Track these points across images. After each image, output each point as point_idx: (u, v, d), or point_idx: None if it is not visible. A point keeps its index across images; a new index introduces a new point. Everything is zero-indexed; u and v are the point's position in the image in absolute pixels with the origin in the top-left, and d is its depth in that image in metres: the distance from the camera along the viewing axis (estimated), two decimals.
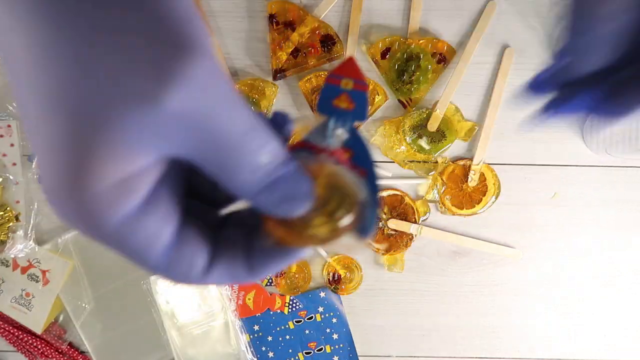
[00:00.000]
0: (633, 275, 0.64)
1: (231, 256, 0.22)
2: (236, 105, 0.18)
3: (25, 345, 0.62)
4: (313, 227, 0.22)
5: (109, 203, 0.17)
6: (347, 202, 0.22)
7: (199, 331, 0.61)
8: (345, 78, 0.25)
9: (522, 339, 0.64)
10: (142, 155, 0.17)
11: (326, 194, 0.22)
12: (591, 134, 0.61)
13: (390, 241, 0.62)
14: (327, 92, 0.25)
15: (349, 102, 0.25)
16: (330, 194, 0.22)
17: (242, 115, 0.18)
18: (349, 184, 0.23)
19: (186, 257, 0.20)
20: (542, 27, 0.61)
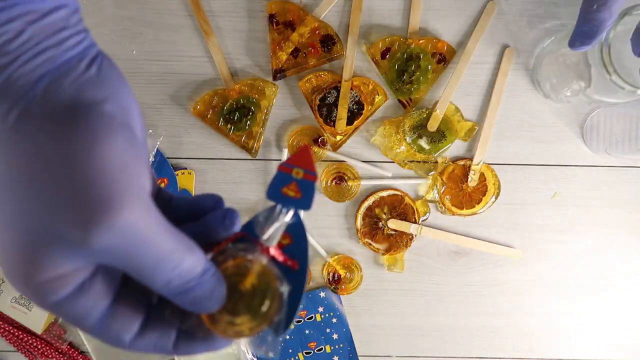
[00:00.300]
0: (633, 275, 0.64)
1: (160, 332, 0.26)
2: (156, 239, 0.22)
3: (25, 345, 0.62)
4: (231, 322, 0.25)
5: (48, 290, 0.22)
6: (263, 303, 0.25)
7: None
8: (297, 167, 0.27)
9: (522, 339, 0.64)
10: (72, 266, 0.22)
11: (250, 290, 0.25)
12: (591, 133, 0.61)
13: (390, 241, 0.62)
14: (279, 179, 0.27)
15: (296, 191, 0.27)
16: (253, 292, 0.25)
17: (162, 245, 0.22)
18: (272, 286, 0.25)
19: (115, 328, 0.25)
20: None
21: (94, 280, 0.23)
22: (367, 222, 0.62)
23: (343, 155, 0.62)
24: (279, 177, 0.27)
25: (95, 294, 0.23)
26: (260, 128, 0.60)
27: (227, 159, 0.62)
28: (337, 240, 0.63)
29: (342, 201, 0.62)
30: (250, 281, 0.25)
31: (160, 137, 0.61)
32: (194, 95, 0.61)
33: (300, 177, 0.27)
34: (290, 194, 0.27)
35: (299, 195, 0.27)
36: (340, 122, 0.60)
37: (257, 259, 0.26)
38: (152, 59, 0.61)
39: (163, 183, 0.61)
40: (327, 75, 0.60)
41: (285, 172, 0.27)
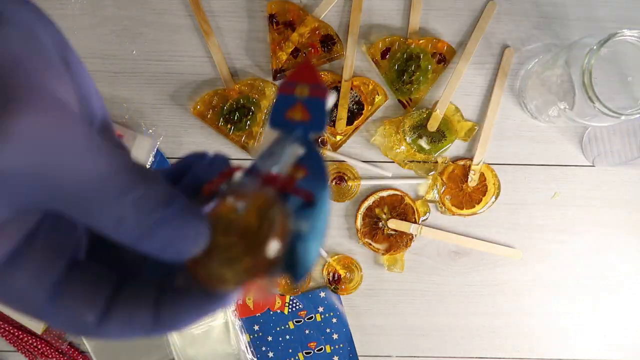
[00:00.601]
0: (633, 275, 0.64)
1: (134, 305, 0.20)
2: (86, 153, 0.16)
3: (25, 345, 0.62)
4: (226, 270, 0.19)
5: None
6: (266, 242, 0.18)
7: (199, 331, 0.61)
8: (300, 84, 0.22)
9: (522, 339, 0.64)
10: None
11: (248, 229, 0.19)
12: (590, 147, 0.61)
13: (390, 241, 0.62)
14: (280, 103, 0.22)
15: (304, 113, 0.22)
16: (253, 231, 0.19)
17: (96, 163, 0.16)
18: (272, 217, 0.19)
19: (70, 309, 0.19)
20: (542, 27, 0.61)
21: (32, 246, 0.18)
22: (367, 222, 0.62)
23: (343, 155, 0.62)
24: (280, 100, 0.22)
25: (35, 266, 0.18)
26: (260, 128, 0.60)
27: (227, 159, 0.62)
28: (337, 240, 0.63)
29: (342, 201, 0.62)
30: (249, 218, 0.19)
31: (160, 137, 0.61)
32: (194, 95, 0.61)
33: (305, 96, 0.22)
34: (297, 117, 0.22)
35: (307, 117, 0.22)
36: (340, 122, 0.60)
37: (257, 192, 0.20)
38: (152, 59, 0.61)
39: None
40: (327, 75, 0.60)
41: (286, 93, 0.22)
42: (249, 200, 0.19)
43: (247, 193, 0.20)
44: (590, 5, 0.61)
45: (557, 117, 0.54)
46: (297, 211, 0.20)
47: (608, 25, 0.61)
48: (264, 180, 0.20)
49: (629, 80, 0.52)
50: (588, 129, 0.61)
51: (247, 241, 0.19)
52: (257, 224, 0.19)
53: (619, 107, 0.46)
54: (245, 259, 0.18)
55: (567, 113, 0.51)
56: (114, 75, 0.61)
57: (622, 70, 0.52)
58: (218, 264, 0.19)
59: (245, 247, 0.19)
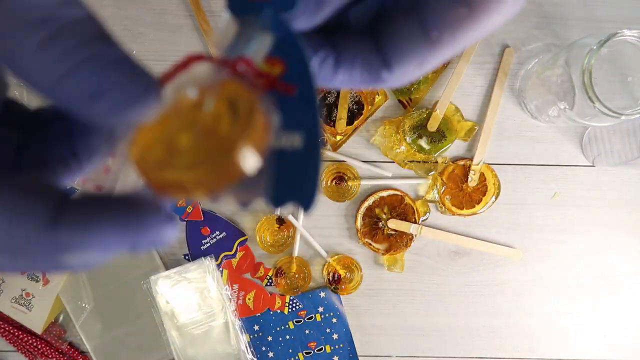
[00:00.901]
0: (633, 275, 0.64)
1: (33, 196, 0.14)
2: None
3: (25, 345, 0.62)
4: (181, 172, 0.14)
5: None
6: (237, 138, 0.14)
7: (199, 331, 0.61)
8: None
9: (522, 339, 0.64)
10: None
11: (213, 122, 0.14)
12: (590, 147, 0.61)
13: (390, 241, 0.62)
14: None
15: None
16: (219, 125, 0.14)
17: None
18: (248, 112, 0.15)
19: None
20: (542, 27, 0.61)
21: None
22: (367, 222, 0.62)
23: (343, 155, 0.62)
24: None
25: None
26: None
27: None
28: (337, 240, 0.63)
29: (342, 201, 0.62)
30: (217, 113, 0.15)
31: None
32: None
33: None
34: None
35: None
36: (340, 122, 0.60)
37: (225, 82, 0.16)
38: (152, 59, 0.61)
39: None
40: None
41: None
42: (215, 94, 0.15)
43: (213, 85, 0.15)
44: (590, 5, 0.61)
45: (557, 117, 0.54)
46: (285, 114, 0.16)
47: (608, 25, 0.61)
48: (232, 70, 0.16)
49: (629, 80, 0.52)
50: (588, 129, 0.61)
51: (215, 143, 0.14)
52: (227, 121, 0.15)
53: (619, 107, 0.46)
54: (212, 164, 0.14)
55: (567, 113, 0.51)
56: None
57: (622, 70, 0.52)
58: (174, 168, 0.14)
59: (214, 150, 0.14)
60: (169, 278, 0.60)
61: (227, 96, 0.15)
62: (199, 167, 0.14)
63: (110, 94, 0.13)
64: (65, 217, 0.14)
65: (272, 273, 0.63)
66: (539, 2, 0.60)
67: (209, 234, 0.62)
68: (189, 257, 0.62)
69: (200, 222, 0.61)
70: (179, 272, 0.60)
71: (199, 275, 0.60)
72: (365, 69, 0.18)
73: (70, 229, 0.14)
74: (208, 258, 0.61)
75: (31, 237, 0.14)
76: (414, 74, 0.19)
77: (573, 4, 0.60)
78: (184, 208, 0.61)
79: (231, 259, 0.62)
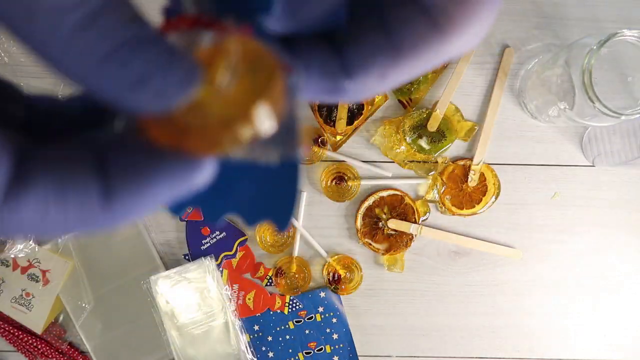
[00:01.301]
0: (633, 275, 0.64)
1: (66, 169, 0.14)
2: None
3: (25, 345, 0.62)
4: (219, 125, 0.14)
5: None
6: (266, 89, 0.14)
7: (199, 331, 0.61)
8: None
9: (522, 339, 0.64)
10: None
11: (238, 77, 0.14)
12: (590, 147, 0.61)
13: (390, 241, 0.62)
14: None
15: None
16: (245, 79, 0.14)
17: None
18: (273, 69, 0.14)
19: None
20: (542, 27, 0.61)
21: None
22: (367, 222, 0.62)
23: (343, 155, 0.62)
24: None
25: None
26: None
27: None
28: (337, 240, 0.63)
29: (342, 201, 0.62)
30: (238, 62, 0.14)
31: None
32: None
33: None
34: None
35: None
36: (340, 122, 0.60)
37: (237, 37, 0.14)
38: None
39: None
40: None
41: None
42: (230, 45, 0.14)
43: (226, 37, 0.14)
44: (590, 5, 0.61)
45: (557, 117, 0.54)
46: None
47: (608, 25, 0.61)
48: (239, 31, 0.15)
49: (629, 80, 0.52)
50: (588, 129, 0.61)
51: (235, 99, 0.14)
52: (250, 70, 0.14)
53: (619, 107, 0.46)
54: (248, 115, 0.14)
55: (567, 113, 0.51)
56: None
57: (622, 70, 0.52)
58: (213, 121, 0.14)
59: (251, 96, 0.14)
60: (169, 278, 0.60)
61: (249, 57, 0.14)
62: (235, 122, 0.14)
63: (156, 78, 0.13)
64: (116, 188, 0.14)
65: (272, 273, 0.63)
66: (539, 2, 0.60)
67: (209, 234, 0.62)
68: (189, 257, 0.62)
69: (200, 222, 0.61)
70: (179, 272, 0.60)
71: (199, 275, 0.60)
72: (324, 75, 0.17)
73: (124, 202, 0.14)
74: (208, 258, 0.61)
75: (87, 216, 0.14)
76: (374, 87, 0.18)
77: (573, 4, 0.60)
78: None
79: (231, 259, 0.62)
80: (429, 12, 0.16)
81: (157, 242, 0.62)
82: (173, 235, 0.62)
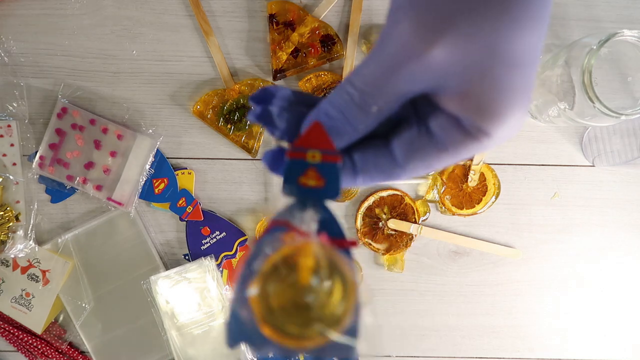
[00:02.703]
0: (633, 275, 0.64)
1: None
2: None
3: (25, 345, 0.62)
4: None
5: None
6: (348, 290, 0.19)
7: (199, 331, 0.61)
8: (310, 150, 0.22)
9: (522, 339, 0.64)
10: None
11: (318, 280, 0.19)
12: (590, 147, 0.61)
13: (390, 241, 0.62)
14: (292, 168, 0.22)
15: (317, 179, 0.22)
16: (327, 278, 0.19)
17: None
18: (347, 269, 0.20)
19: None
20: None
21: None
22: (367, 222, 0.62)
23: None
24: (291, 165, 0.22)
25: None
26: (260, 128, 0.60)
27: (227, 159, 0.62)
28: None
29: (342, 201, 0.62)
30: (316, 266, 0.19)
31: (160, 137, 0.61)
32: (194, 95, 0.61)
33: (317, 161, 0.22)
34: (311, 183, 0.22)
35: (321, 183, 0.22)
36: None
37: (315, 242, 0.20)
38: (152, 59, 0.61)
39: (163, 183, 0.61)
40: (327, 75, 0.60)
41: (297, 158, 0.22)
42: (309, 248, 0.20)
43: (304, 241, 0.20)
44: (590, 5, 0.61)
45: (557, 117, 0.54)
46: None
47: (608, 25, 0.61)
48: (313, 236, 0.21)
49: (629, 80, 0.52)
50: (588, 129, 0.61)
51: (323, 310, 0.20)
52: (338, 293, 0.20)
53: (619, 107, 0.46)
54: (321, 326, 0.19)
55: (567, 113, 0.51)
56: (114, 75, 0.61)
57: (622, 70, 0.52)
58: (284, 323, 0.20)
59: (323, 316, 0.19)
60: (169, 278, 0.60)
61: (332, 267, 0.20)
62: (310, 326, 0.19)
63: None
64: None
65: None
66: None
67: (209, 234, 0.62)
68: (189, 257, 0.62)
69: (200, 222, 0.61)
70: (179, 272, 0.60)
71: (199, 275, 0.60)
72: (381, 172, 0.24)
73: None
74: (208, 258, 0.61)
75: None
76: (421, 173, 0.24)
77: (573, 4, 0.60)
78: (184, 208, 0.61)
79: (231, 259, 0.62)
80: (461, 123, 0.22)
81: (157, 242, 0.62)
82: (173, 235, 0.62)
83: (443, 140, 0.23)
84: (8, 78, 0.60)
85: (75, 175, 0.59)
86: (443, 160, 0.23)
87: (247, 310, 0.20)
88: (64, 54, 0.60)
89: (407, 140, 0.24)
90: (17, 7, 0.60)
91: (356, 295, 0.20)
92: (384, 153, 0.24)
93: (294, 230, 0.21)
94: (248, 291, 0.20)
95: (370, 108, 0.22)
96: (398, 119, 0.25)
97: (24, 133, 0.60)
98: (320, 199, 0.22)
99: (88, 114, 0.59)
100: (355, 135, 0.23)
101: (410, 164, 0.24)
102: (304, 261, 0.19)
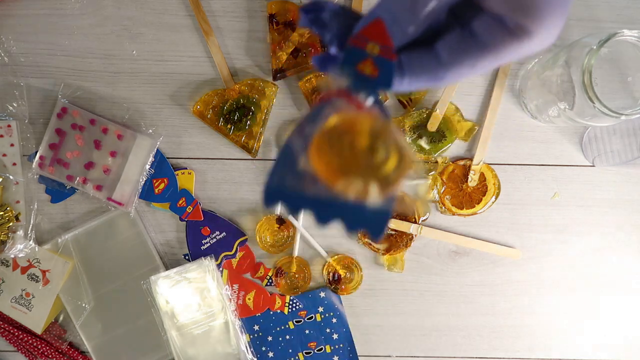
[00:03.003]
0: (633, 275, 0.64)
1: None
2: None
3: (25, 345, 0.62)
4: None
5: None
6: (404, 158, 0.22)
7: (199, 331, 0.61)
8: (371, 42, 0.24)
9: (522, 339, 0.64)
10: None
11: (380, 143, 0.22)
12: (590, 147, 0.61)
13: (390, 241, 0.62)
14: (353, 54, 0.24)
15: (373, 69, 0.24)
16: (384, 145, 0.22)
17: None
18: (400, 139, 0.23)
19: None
20: None
21: None
22: None
23: None
24: (352, 52, 0.23)
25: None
26: (260, 128, 0.60)
27: (227, 159, 0.62)
28: (337, 240, 0.63)
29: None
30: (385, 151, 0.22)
31: (160, 137, 0.61)
32: (194, 95, 0.61)
33: (376, 54, 0.24)
34: (367, 71, 0.24)
35: (376, 74, 0.24)
36: None
37: (375, 112, 0.24)
38: (152, 59, 0.61)
39: (163, 183, 0.61)
40: (327, 76, 0.60)
41: (358, 46, 0.24)
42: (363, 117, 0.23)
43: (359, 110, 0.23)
44: (590, 5, 0.61)
45: (557, 117, 0.54)
46: None
47: (608, 25, 0.61)
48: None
49: (629, 80, 0.52)
50: (588, 129, 0.61)
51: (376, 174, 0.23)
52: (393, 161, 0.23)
53: (619, 107, 0.46)
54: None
55: (567, 113, 0.51)
56: (114, 75, 0.61)
57: (622, 70, 0.52)
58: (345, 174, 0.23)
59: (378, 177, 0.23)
60: (169, 278, 0.60)
61: (390, 137, 0.23)
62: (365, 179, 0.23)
63: None
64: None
65: (272, 273, 0.63)
66: None
67: (209, 234, 0.62)
68: (189, 257, 0.62)
69: (200, 222, 0.61)
70: (179, 272, 0.60)
71: (199, 275, 0.60)
72: (426, 71, 0.25)
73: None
74: (208, 258, 0.61)
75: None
76: (466, 74, 0.26)
77: (573, 4, 0.60)
78: (184, 208, 0.61)
79: (231, 259, 0.62)
80: (504, 22, 0.24)
81: (157, 242, 0.62)
82: (173, 235, 0.62)
83: (486, 39, 0.24)
84: (8, 78, 0.60)
85: (75, 175, 0.59)
86: (486, 60, 0.25)
87: (303, 159, 0.23)
88: (64, 54, 0.60)
89: (451, 41, 0.25)
90: (17, 7, 0.60)
91: (409, 168, 0.23)
92: (429, 54, 0.25)
93: (353, 101, 0.23)
94: (306, 141, 0.22)
95: (420, 11, 0.23)
96: (440, 29, 0.26)
97: (24, 133, 0.60)
98: (374, 88, 0.24)
99: (88, 114, 0.59)
100: (404, 38, 0.24)
101: (455, 63, 0.25)
102: (364, 125, 0.22)
